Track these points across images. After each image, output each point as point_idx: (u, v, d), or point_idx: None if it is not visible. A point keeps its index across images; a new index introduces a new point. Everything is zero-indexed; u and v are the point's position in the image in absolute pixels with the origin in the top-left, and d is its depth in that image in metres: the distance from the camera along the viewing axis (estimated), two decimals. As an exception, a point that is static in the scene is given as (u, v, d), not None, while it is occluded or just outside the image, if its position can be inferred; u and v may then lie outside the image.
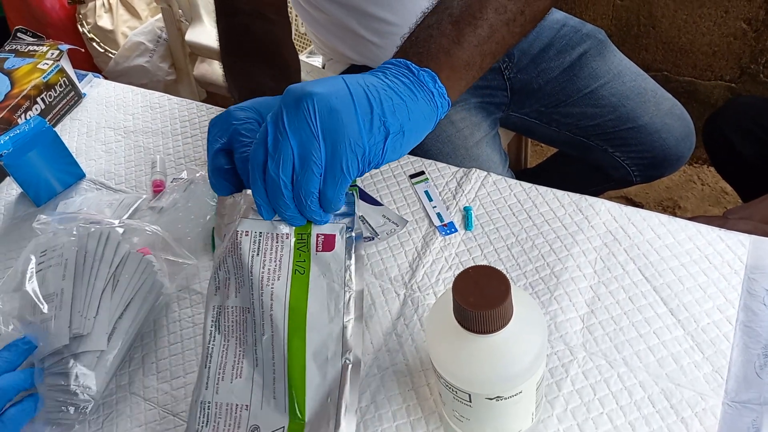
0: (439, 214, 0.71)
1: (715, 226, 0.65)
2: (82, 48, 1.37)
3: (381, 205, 0.73)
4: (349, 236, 0.50)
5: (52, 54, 0.93)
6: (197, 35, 1.43)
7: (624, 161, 1.08)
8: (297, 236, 0.49)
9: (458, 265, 0.66)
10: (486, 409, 0.47)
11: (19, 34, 0.99)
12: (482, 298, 0.41)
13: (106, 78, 1.02)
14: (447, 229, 0.70)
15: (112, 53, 1.73)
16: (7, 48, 0.97)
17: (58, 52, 0.93)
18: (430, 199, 0.73)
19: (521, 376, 0.44)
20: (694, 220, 0.68)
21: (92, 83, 1.00)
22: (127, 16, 1.75)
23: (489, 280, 0.42)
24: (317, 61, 1.38)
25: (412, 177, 0.76)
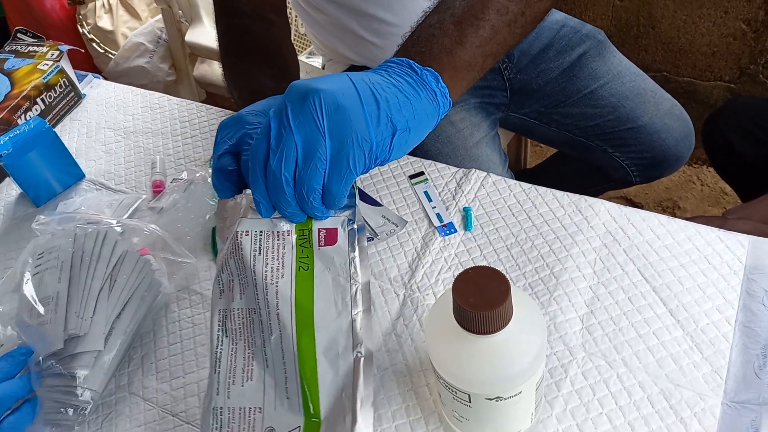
0: (438, 215, 0.71)
1: (714, 227, 0.65)
2: (82, 49, 1.37)
3: (380, 205, 0.73)
4: (351, 228, 0.49)
5: (52, 54, 0.93)
6: (197, 36, 1.43)
7: (623, 161, 1.08)
8: (298, 232, 0.48)
9: (458, 266, 0.66)
10: (485, 409, 0.47)
11: (19, 35, 0.99)
12: (482, 299, 0.41)
13: (106, 78, 1.02)
14: (446, 229, 0.70)
15: (112, 54, 1.73)
16: (7, 48, 0.97)
17: (58, 52, 0.93)
18: (430, 200, 0.73)
19: (521, 377, 0.44)
20: (693, 220, 0.68)
21: (92, 84, 1.00)
22: (127, 17, 1.76)
23: (489, 280, 0.42)
24: (317, 62, 1.38)
25: (411, 177, 0.76)
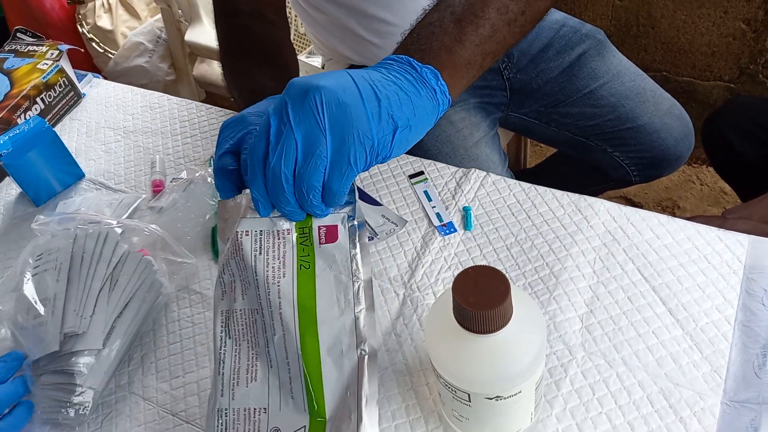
0: (438, 214, 0.71)
1: (713, 226, 0.65)
2: (81, 48, 1.37)
3: (380, 205, 0.73)
4: (352, 225, 0.49)
5: (52, 54, 0.93)
6: (197, 35, 1.43)
7: (623, 161, 1.08)
8: (298, 231, 0.48)
9: (457, 265, 0.66)
10: (485, 408, 0.47)
11: (18, 34, 0.99)
12: (482, 298, 0.41)
13: (106, 78, 1.02)
14: (446, 229, 0.70)
15: (111, 53, 1.73)
16: (6, 48, 0.97)
17: (57, 52, 0.93)
18: (430, 199, 0.73)
19: (520, 376, 0.44)
20: (692, 220, 0.68)
21: (92, 83, 1.00)
22: (126, 17, 1.76)
23: (488, 280, 0.42)
24: (317, 62, 1.38)
25: (411, 177, 0.76)
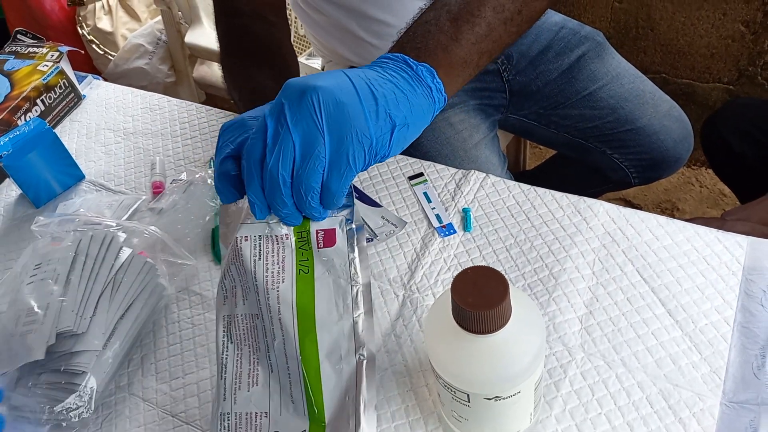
0: (438, 216, 0.71)
1: (713, 228, 0.65)
2: (81, 50, 1.37)
3: (380, 206, 0.73)
4: (350, 228, 0.48)
5: (52, 56, 0.93)
6: (197, 37, 1.43)
7: (622, 163, 1.08)
8: (297, 235, 0.48)
9: (457, 267, 0.66)
10: (484, 409, 0.47)
11: (18, 36, 1.00)
12: (481, 299, 0.41)
13: (106, 80, 1.02)
14: (446, 230, 0.70)
15: (111, 55, 1.73)
16: (6, 50, 0.97)
17: (57, 53, 0.93)
18: (429, 201, 0.73)
19: (520, 377, 0.44)
20: (692, 221, 0.68)
21: (92, 85, 1.00)
22: (126, 18, 1.76)
23: (487, 280, 0.42)
24: (316, 63, 1.38)
25: (411, 179, 0.76)
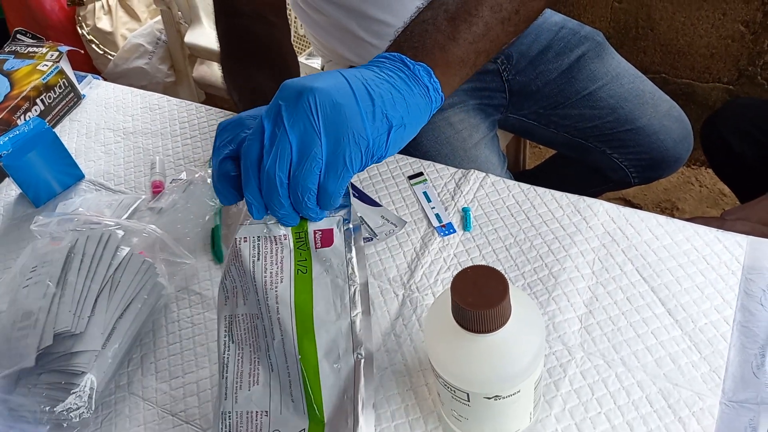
0: (437, 215, 0.71)
1: (712, 227, 0.65)
2: (81, 50, 1.37)
3: (380, 206, 0.73)
4: (347, 228, 0.49)
5: (52, 55, 0.93)
6: (196, 37, 1.43)
7: (622, 163, 1.09)
8: (295, 235, 0.48)
9: (457, 266, 0.66)
10: (484, 408, 0.47)
11: (18, 36, 1.00)
12: (480, 298, 0.41)
13: (106, 79, 1.02)
14: (445, 230, 0.70)
15: (111, 55, 1.73)
16: (6, 49, 0.97)
17: (57, 53, 0.94)
18: (429, 200, 0.73)
19: (519, 376, 0.44)
20: (691, 221, 0.68)
21: (91, 85, 1.00)
22: (126, 18, 1.76)
23: (487, 279, 0.42)
24: (316, 63, 1.38)
25: (410, 178, 0.76)
